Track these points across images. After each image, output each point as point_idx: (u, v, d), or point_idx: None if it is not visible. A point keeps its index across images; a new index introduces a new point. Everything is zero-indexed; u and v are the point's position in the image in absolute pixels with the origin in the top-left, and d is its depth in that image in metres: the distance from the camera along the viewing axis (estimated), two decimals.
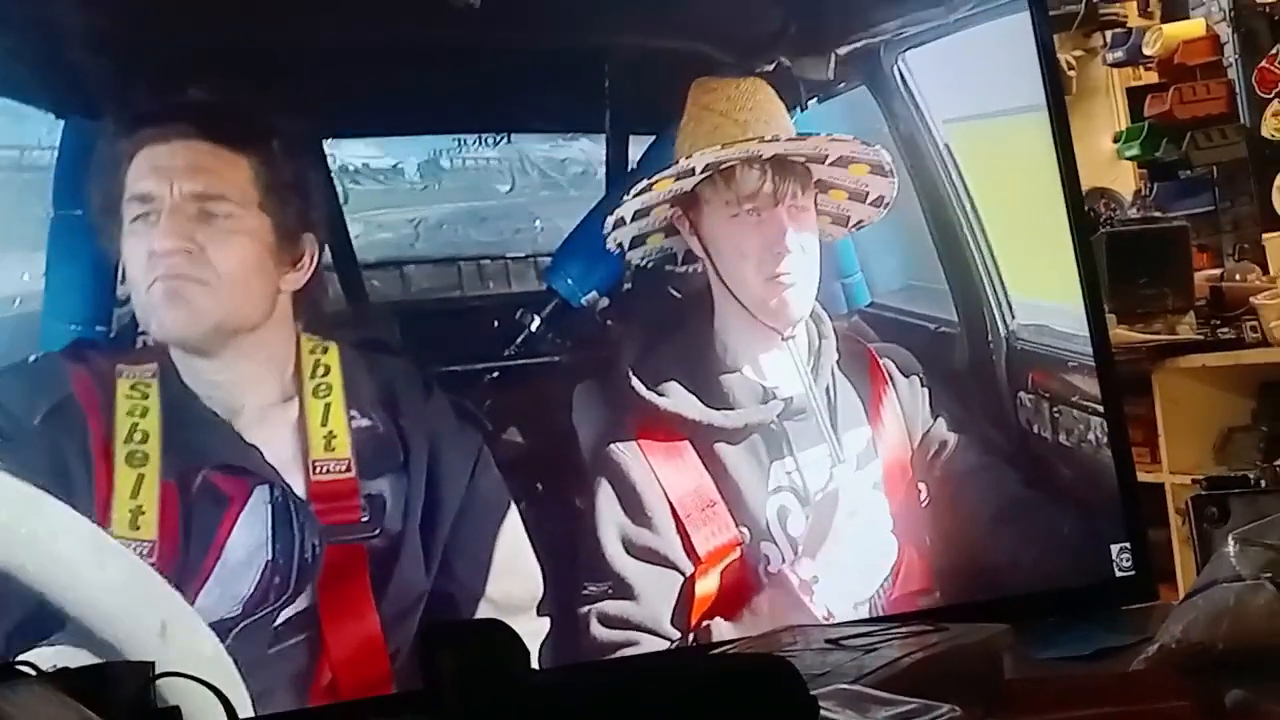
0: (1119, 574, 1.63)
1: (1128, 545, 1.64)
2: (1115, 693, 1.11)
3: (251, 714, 1.10)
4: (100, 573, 0.96)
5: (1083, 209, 1.71)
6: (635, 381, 1.54)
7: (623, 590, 1.48)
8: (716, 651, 1.36)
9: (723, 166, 1.53)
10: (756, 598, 1.49)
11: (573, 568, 1.51)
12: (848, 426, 1.60)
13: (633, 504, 1.50)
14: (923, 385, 1.66)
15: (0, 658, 1.08)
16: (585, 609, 1.47)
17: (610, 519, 1.50)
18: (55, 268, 1.63)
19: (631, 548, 1.49)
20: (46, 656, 1.01)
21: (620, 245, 1.63)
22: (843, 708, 0.91)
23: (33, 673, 0.88)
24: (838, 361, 1.61)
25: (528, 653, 0.98)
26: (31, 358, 1.45)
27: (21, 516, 0.94)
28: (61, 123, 1.67)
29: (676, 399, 1.54)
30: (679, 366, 1.57)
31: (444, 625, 1.26)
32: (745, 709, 0.84)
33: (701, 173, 1.53)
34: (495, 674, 0.95)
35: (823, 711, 0.87)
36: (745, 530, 1.52)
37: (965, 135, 1.80)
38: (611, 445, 1.52)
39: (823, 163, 1.59)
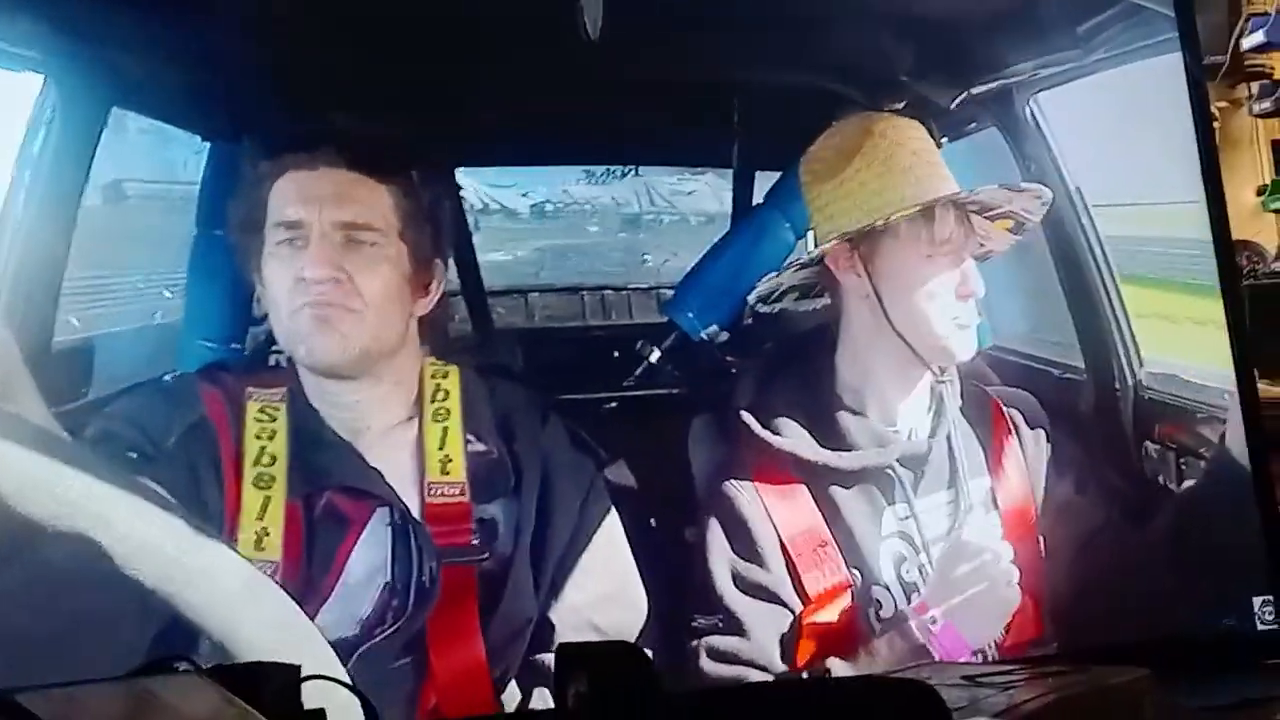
0: (1261, 627, 1.55)
1: (1271, 599, 1.56)
2: None
3: None
4: (255, 608, 0.98)
5: (1234, 260, 1.63)
6: (750, 419, 1.50)
7: (732, 625, 1.43)
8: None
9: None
10: (874, 640, 1.45)
11: (679, 599, 1.47)
12: (969, 474, 1.54)
13: (744, 540, 1.46)
14: (1048, 440, 1.60)
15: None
16: (694, 642, 1.43)
17: (721, 554, 1.46)
18: (195, 285, 1.67)
19: (741, 583, 1.45)
20: None
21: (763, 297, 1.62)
22: None
23: (189, 668, 0.89)
24: (960, 407, 1.57)
25: (657, 676, 0.97)
26: (168, 376, 1.48)
27: (186, 549, 0.95)
28: (206, 145, 1.72)
29: (793, 438, 1.50)
30: (796, 404, 1.52)
31: (575, 646, 1.25)
32: None
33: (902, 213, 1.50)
34: (625, 696, 0.94)
35: None
36: (856, 573, 1.46)
37: (1101, 182, 1.75)
38: (725, 481, 1.49)
39: (985, 213, 1.56)
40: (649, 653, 1.37)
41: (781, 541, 1.46)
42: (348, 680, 0.98)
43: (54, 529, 0.90)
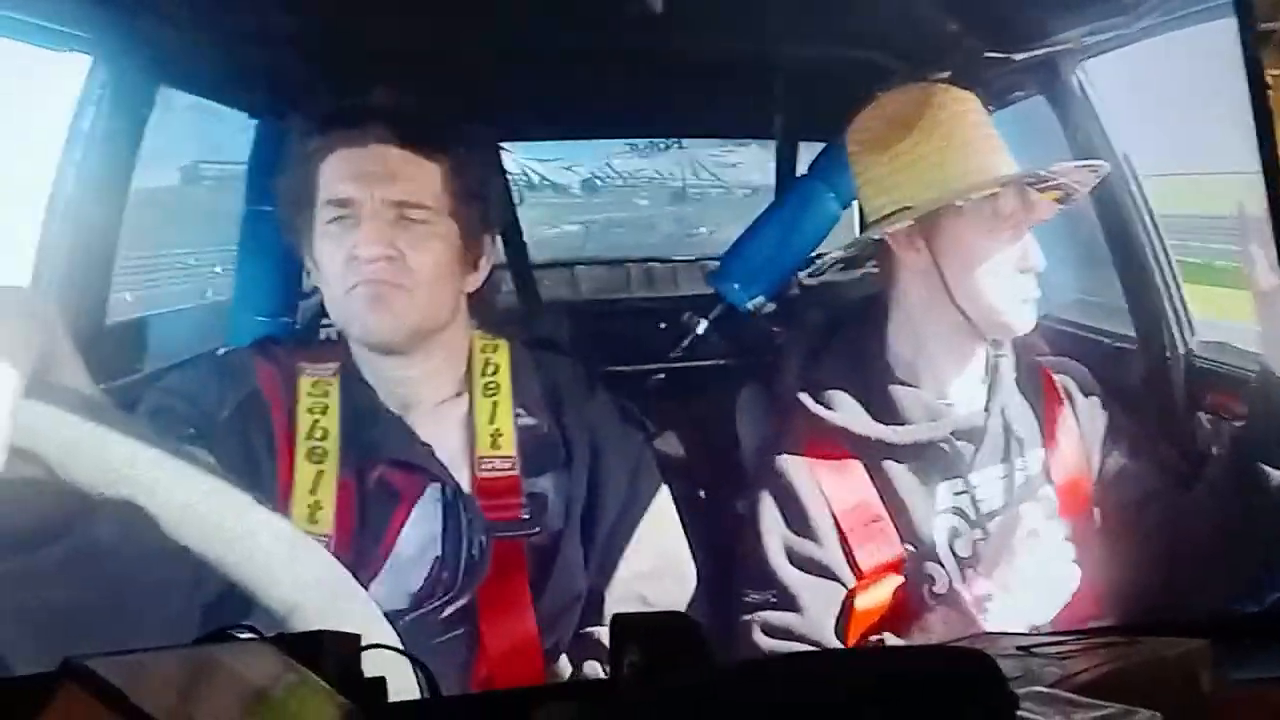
0: None
1: None
2: None
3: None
4: (293, 568, 0.98)
5: None
6: (803, 395, 1.49)
7: (786, 601, 1.42)
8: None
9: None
10: (928, 615, 1.43)
11: (729, 572, 1.47)
12: (1025, 447, 1.52)
13: (796, 514, 1.44)
14: (1103, 408, 1.58)
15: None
16: (747, 617, 1.43)
17: (774, 528, 1.44)
18: (245, 261, 1.68)
19: (795, 558, 1.43)
20: None
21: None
22: (1042, 707, 0.87)
23: (253, 636, 0.90)
24: (1015, 379, 1.56)
25: (710, 646, 0.97)
26: (220, 350, 1.49)
27: (226, 512, 0.96)
28: (255, 121, 1.73)
29: (845, 412, 1.48)
30: (848, 378, 1.51)
31: (629, 616, 1.25)
32: (941, 699, 0.81)
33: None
34: (680, 666, 0.94)
35: (1022, 712, 0.83)
36: (910, 548, 1.45)
37: (1152, 151, 1.72)
38: (777, 455, 1.47)
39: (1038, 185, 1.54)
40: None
41: (834, 515, 1.44)
42: (403, 649, 0.99)
43: (100, 496, 0.91)
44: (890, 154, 1.48)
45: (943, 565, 1.45)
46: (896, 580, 1.44)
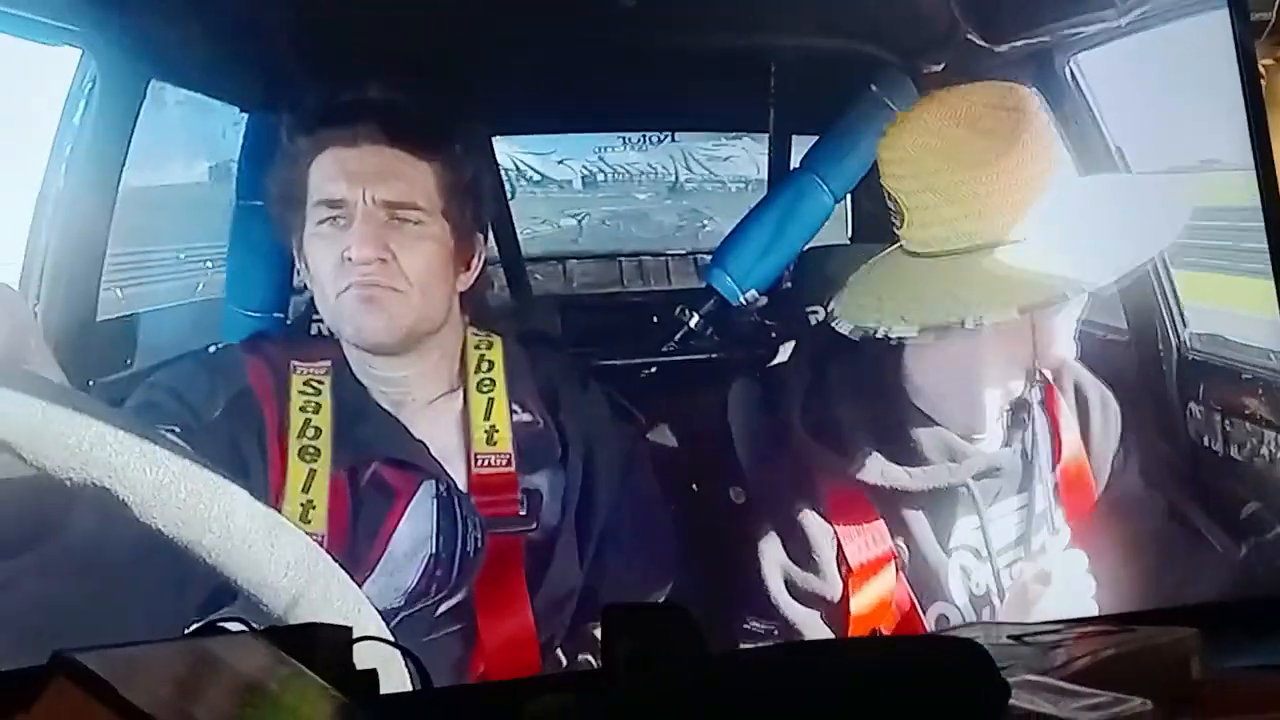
0: None
1: None
2: None
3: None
4: (273, 552, 0.98)
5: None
6: (806, 439, 1.41)
7: (788, 634, 1.39)
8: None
9: None
10: None
11: (720, 565, 1.47)
12: (1042, 472, 1.46)
13: (800, 550, 1.39)
14: (1111, 404, 1.54)
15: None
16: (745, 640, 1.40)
17: (775, 559, 1.39)
18: (236, 256, 1.68)
19: (795, 591, 1.39)
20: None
21: None
22: (1033, 696, 0.87)
23: (243, 628, 0.90)
24: (1041, 402, 1.49)
25: (702, 636, 0.97)
26: (212, 347, 1.49)
27: (200, 494, 0.96)
28: (246, 116, 1.72)
29: (856, 455, 1.39)
30: (859, 411, 1.42)
31: (622, 608, 1.25)
32: (933, 688, 0.81)
33: None
34: (673, 657, 0.94)
35: (1014, 700, 0.84)
36: (917, 591, 1.40)
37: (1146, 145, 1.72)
38: (779, 486, 1.42)
39: None
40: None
41: (841, 553, 1.39)
42: (393, 640, 0.99)
43: (69, 481, 0.90)
44: (990, 172, 1.32)
45: (955, 605, 1.42)
46: (906, 623, 1.40)
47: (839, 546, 1.39)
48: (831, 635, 1.39)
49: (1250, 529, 1.54)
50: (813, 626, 1.40)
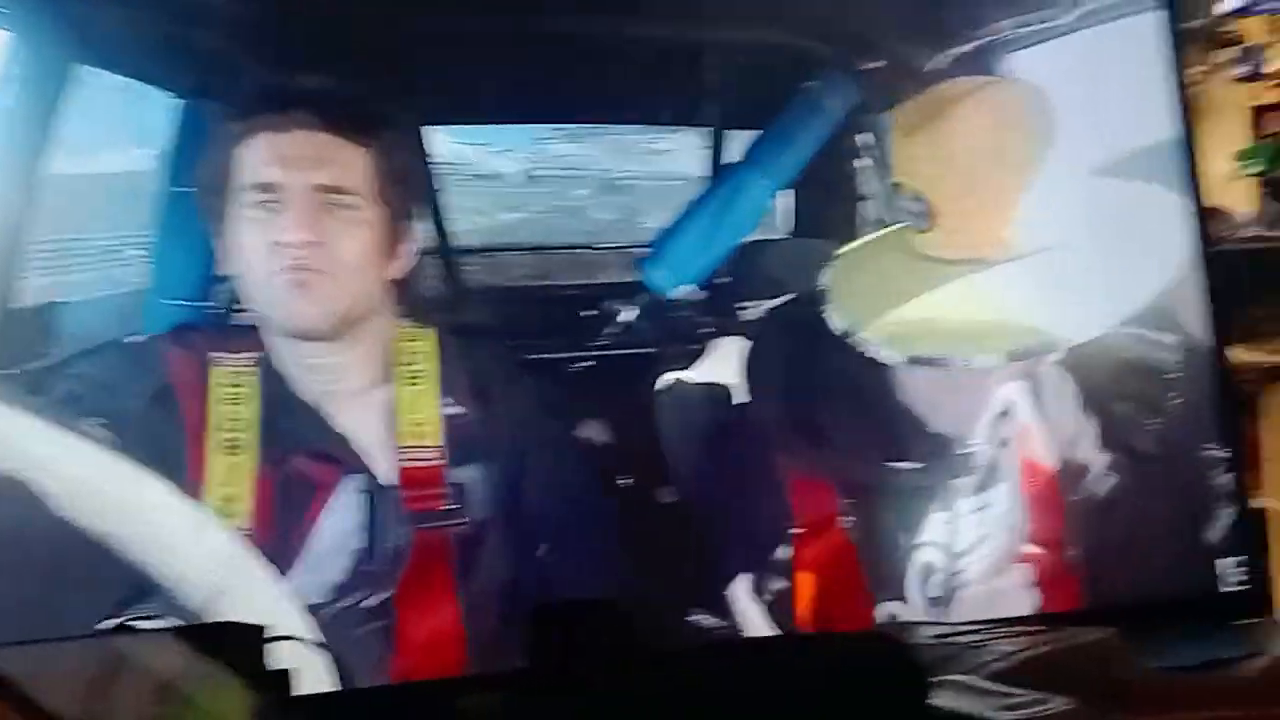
0: (1227, 589, 1.56)
1: (1239, 560, 1.57)
2: (1235, 696, 1.07)
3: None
4: (197, 547, 0.97)
5: (1206, 223, 1.61)
6: (779, 421, 1.40)
7: (734, 631, 1.38)
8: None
9: None
10: None
11: (659, 561, 1.46)
12: (1010, 465, 1.45)
13: (759, 542, 1.40)
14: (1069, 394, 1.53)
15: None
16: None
17: (736, 555, 1.39)
18: (162, 244, 1.65)
19: (740, 584, 1.39)
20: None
21: None
22: (956, 697, 0.88)
23: (153, 627, 0.89)
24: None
25: (636, 633, 0.97)
26: (134, 337, 1.47)
27: (123, 488, 0.95)
28: (175, 102, 1.70)
29: (830, 447, 1.38)
30: (836, 399, 1.40)
31: (552, 603, 1.25)
32: (853, 688, 0.82)
33: None
34: (608, 651, 0.94)
35: (936, 701, 0.85)
36: (875, 586, 1.39)
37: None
38: (741, 482, 1.41)
39: None
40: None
41: (797, 541, 1.39)
42: (311, 637, 0.98)
43: None
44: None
45: (906, 603, 1.40)
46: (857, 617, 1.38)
47: (795, 538, 1.39)
48: (776, 631, 1.39)
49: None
50: (758, 622, 1.39)
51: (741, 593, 1.39)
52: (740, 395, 1.48)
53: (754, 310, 1.64)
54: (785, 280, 1.67)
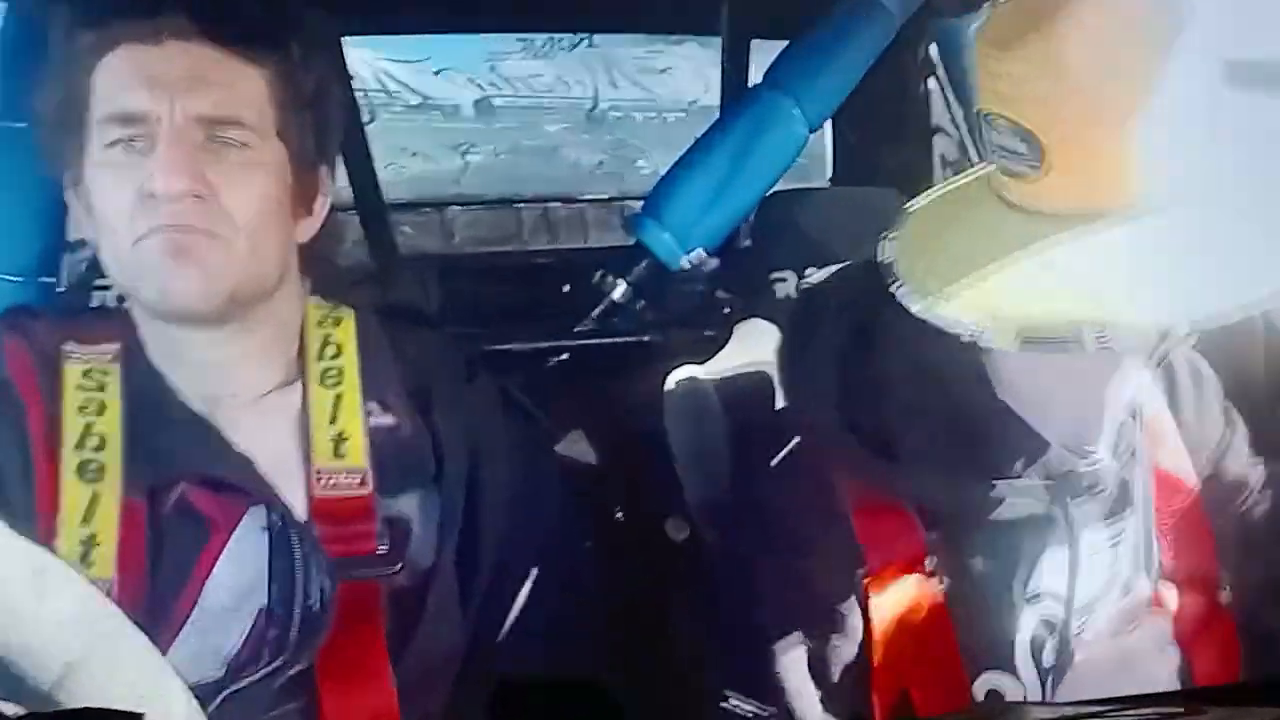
0: None
1: None
2: None
3: None
4: (39, 604, 0.96)
5: None
6: (838, 434, 1.34)
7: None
8: None
9: None
10: None
11: (668, 628, 1.46)
12: (1141, 489, 1.41)
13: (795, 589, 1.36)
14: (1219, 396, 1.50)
15: None
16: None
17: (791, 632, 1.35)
18: None
19: (815, 669, 1.35)
20: None
21: None
22: None
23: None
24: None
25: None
26: None
27: None
28: (3, 5, 1.68)
29: (909, 465, 1.34)
30: (915, 405, 1.35)
31: (522, 681, 1.24)
32: None
33: None
34: None
35: None
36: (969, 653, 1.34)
37: None
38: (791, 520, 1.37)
39: None
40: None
41: (866, 590, 1.34)
42: None
43: None
44: None
45: (1018, 677, 1.36)
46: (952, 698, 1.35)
47: (865, 588, 1.34)
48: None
49: None
50: (816, 711, 1.35)
51: (792, 668, 1.37)
52: (778, 396, 1.45)
53: (790, 283, 1.63)
54: (828, 243, 1.66)
